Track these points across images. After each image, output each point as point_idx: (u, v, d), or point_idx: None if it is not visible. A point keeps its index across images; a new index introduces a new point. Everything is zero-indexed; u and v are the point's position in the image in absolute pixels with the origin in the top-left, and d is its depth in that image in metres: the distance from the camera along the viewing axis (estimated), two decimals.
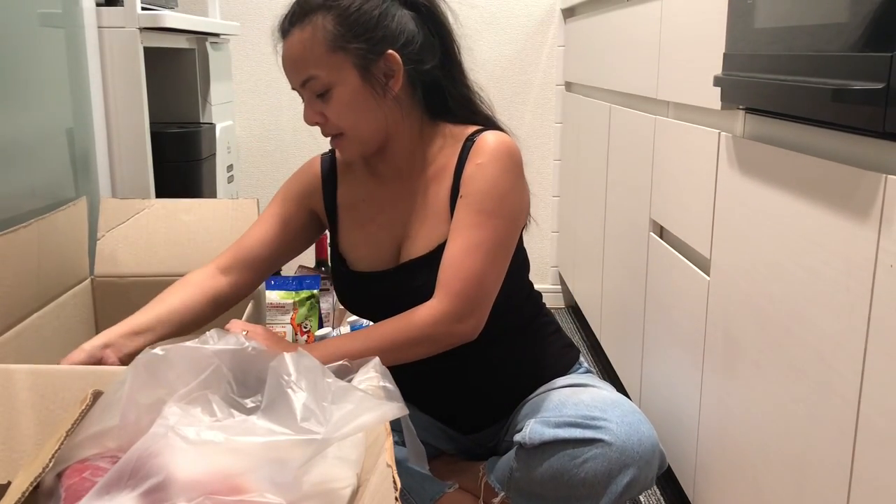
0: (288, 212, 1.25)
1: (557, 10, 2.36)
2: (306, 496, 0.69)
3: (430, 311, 1.05)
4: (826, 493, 0.77)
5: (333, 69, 1.08)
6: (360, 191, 1.22)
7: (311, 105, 1.12)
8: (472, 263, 1.05)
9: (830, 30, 0.73)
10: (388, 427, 0.77)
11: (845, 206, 0.73)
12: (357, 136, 1.12)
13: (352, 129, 1.11)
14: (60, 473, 0.72)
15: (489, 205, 1.07)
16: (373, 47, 1.08)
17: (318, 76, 1.09)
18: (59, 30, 1.46)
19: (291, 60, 1.12)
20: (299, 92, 1.14)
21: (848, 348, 0.72)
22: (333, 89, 1.09)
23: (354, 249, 1.21)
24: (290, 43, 1.12)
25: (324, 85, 1.09)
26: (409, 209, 1.16)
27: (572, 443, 1.07)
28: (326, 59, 1.08)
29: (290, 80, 1.14)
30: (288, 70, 1.14)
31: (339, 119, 1.10)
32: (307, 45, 1.09)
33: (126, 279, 1.33)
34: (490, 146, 1.10)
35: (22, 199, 1.35)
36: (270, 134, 2.41)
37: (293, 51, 1.11)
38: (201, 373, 0.75)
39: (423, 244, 1.14)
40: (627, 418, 1.08)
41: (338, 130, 1.12)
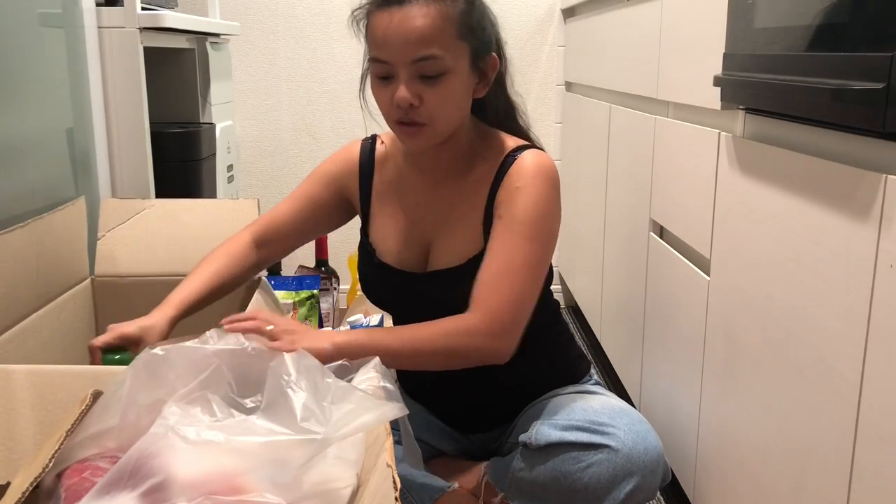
0: (319, 193, 1.24)
1: (557, 10, 2.36)
2: (306, 496, 0.69)
3: (467, 324, 1.02)
4: (826, 493, 0.77)
5: (456, 55, 1.04)
6: (399, 183, 1.21)
7: (411, 85, 1.03)
8: (510, 286, 1.04)
9: (830, 30, 0.73)
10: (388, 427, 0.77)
11: (845, 206, 0.73)
12: (441, 128, 1.08)
13: (441, 119, 1.06)
14: (60, 473, 0.72)
15: (528, 229, 1.06)
16: (485, 45, 1.09)
17: (441, 58, 1.02)
18: (59, 30, 1.46)
19: (414, 33, 1.01)
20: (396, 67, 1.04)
21: (848, 348, 0.72)
22: (447, 75, 1.04)
23: (384, 241, 1.21)
24: (411, 13, 1.02)
25: (441, 68, 1.03)
26: (444, 214, 1.16)
27: (578, 446, 1.06)
28: (453, 43, 1.03)
29: (397, 55, 1.03)
30: (401, 42, 1.02)
31: (437, 107, 1.05)
32: (439, 21, 1.02)
33: (126, 279, 1.33)
34: (530, 169, 1.09)
35: (21, 199, 1.35)
36: (270, 134, 2.41)
37: (419, 23, 1.01)
38: (201, 373, 0.75)
39: (452, 255, 1.14)
40: (635, 427, 1.08)
41: (427, 119, 1.05)
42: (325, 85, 2.38)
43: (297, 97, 2.39)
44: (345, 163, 1.25)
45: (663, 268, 1.30)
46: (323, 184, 1.25)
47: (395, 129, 1.10)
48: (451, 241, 1.15)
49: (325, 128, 2.41)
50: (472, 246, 1.13)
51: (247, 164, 2.42)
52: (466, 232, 1.14)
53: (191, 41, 1.87)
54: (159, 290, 1.12)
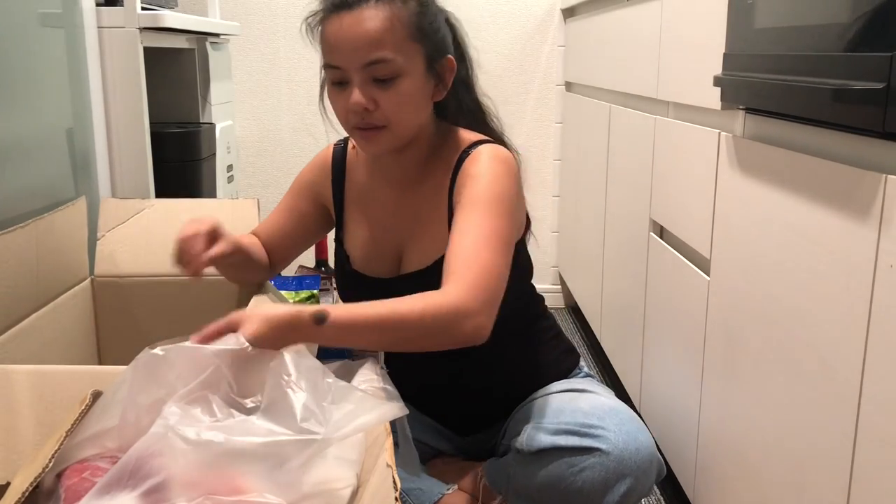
0: (299, 205, 1.24)
1: (557, 10, 2.36)
2: (306, 496, 0.69)
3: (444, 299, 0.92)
4: (826, 493, 0.77)
5: (408, 57, 1.03)
6: (367, 191, 1.21)
7: (365, 89, 1.02)
8: (482, 258, 0.97)
9: (830, 30, 0.73)
10: (388, 427, 0.77)
11: (845, 206, 0.73)
12: (399, 131, 1.06)
13: (399, 123, 1.05)
14: (60, 473, 0.72)
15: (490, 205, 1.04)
16: (439, 47, 1.08)
17: (393, 60, 1.01)
18: (59, 30, 1.46)
19: (364, 36, 1.01)
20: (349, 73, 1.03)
21: (848, 348, 0.72)
22: (400, 78, 1.03)
23: (357, 249, 1.21)
24: (361, 17, 1.01)
25: (393, 71, 1.02)
26: (412, 219, 1.16)
27: (569, 451, 1.06)
28: (405, 45, 1.03)
29: (348, 59, 1.02)
30: (350, 46, 1.02)
31: (393, 110, 1.04)
32: (388, 24, 1.01)
33: (126, 279, 1.33)
34: (483, 156, 1.08)
35: (22, 199, 1.35)
36: (270, 134, 2.41)
37: (368, 26, 1.01)
38: (201, 373, 0.75)
39: (422, 257, 1.13)
40: (625, 427, 1.07)
41: (384, 122, 1.05)
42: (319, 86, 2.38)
43: (297, 97, 2.39)
44: (319, 169, 1.24)
45: (663, 268, 1.30)
46: (302, 196, 1.24)
47: (354, 135, 1.09)
48: (420, 244, 1.14)
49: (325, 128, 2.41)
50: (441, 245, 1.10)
51: (247, 164, 2.42)
52: (434, 233, 1.13)
53: (191, 41, 1.87)
54: (159, 290, 1.12)
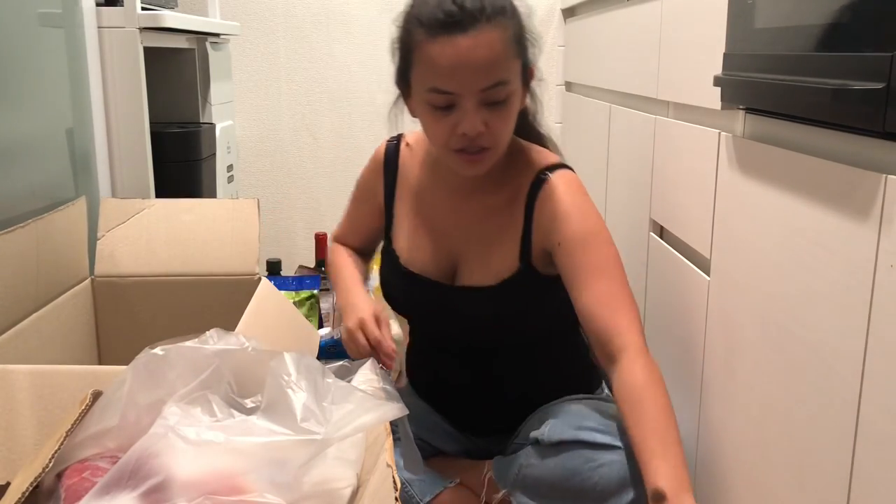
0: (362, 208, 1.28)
1: (557, 10, 2.36)
2: (306, 496, 0.69)
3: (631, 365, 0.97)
4: (826, 493, 0.77)
5: (515, 75, 1.01)
6: (425, 192, 1.19)
7: (478, 113, 0.98)
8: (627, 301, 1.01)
9: (830, 30, 0.73)
10: (388, 427, 0.77)
11: (845, 206, 0.73)
12: (501, 150, 1.04)
13: (502, 143, 1.04)
14: (60, 473, 0.72)
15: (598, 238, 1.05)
16: (530, 59, 1.05)
17: (508, 83, 0.98)
18: (59, 30, 1.46)
19: (483, 62, 0.96)
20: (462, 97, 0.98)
21: (848, 348, 0.72)
22: (512, 97, 1.00)
23: (409, 250, 1.19)
24: (478, 40, 0.95)
25: (508, 93, 0.99)
26: (473, 229, 1.15)
27: (591, 445, 1.05)
28: (514, 65, 1.00)
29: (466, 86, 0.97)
30: (470, 72, 0.96)
31: (500, 131, 1.01)
32: (501, 45, 0.97)
33: (126, 279, 1.33)
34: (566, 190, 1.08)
35: (22, 199, 1.35)
36: (270, 134, 2.41)
37: (487, 51, 0.96)
38: (201, 373, 0.75)
39: (486, 273, 1.13)
40: None
41: (491, 144, 1.01)
42: (325, 85, 2.38)
43: (297, 97, 2.39)
44: (372, 169, 1.25)
45: (663, 268, 1.31)
46: (362, 198, 1.28)
47: (453, 158, 1.04)
48: (483, 258, 1.14)
49: (325, 128, 2.41)
50: (508, 266, 1.12)
51: (247, 164, 2.42)
52: (501, 251, 1.12)
53: (191, 41, 1.87)
54: (159, 290, 1.12)
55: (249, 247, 1.34)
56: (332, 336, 1.74)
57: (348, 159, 2.42)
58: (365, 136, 2.41)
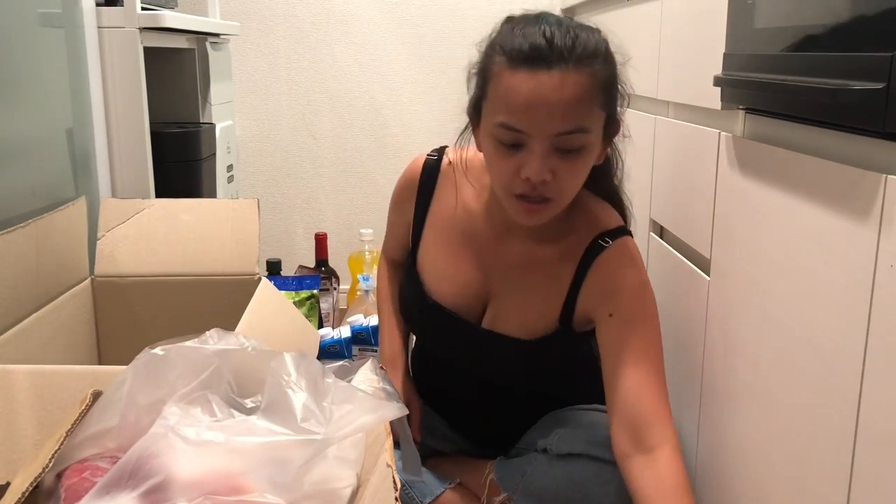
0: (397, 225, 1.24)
1: (557, 10, 2.36)
2: (306, 496, 0.70)
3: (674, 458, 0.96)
4: (826, 493, 0.77)
5: (597, 127, 0.95)
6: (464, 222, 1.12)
7: (548, 159, 0.91)
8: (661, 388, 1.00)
9: (830, 30, 0.73)
10: (388, 427, 0.77)
11: (845, 206, 0.73)
12: (565, 203, 0.98)
13: (568, 196, 0.97)
14: (60, 473, 0.72)
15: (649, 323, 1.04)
16: (615, 113, 0.99)
17: (589, 130, 0.92)
18: (59, 30, 1.46)
19: (563, 105, 0.89)
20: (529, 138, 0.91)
21: (848, 348, 0.72)
22: (587, 148, 0.93)
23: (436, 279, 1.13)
24: (563, 81, 0.89)
25: (583, 142, 0.92)
26: (513, 273, 1.10)
27: (601, 461, 1.04)
28: (597, 115, 0.93)
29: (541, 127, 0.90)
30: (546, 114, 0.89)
31: (569, 183, 0.95)
32: (586, 90, 0.90)
33: (126, 279, 1.33)
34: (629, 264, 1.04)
35: (22, 199, 1.35)
36: (270, 134, 2.41)
37: (569, 95, 0.89)
38: (201, 373, 0.75)
39: (522, 325, 1.10)
40: None
41: (555, 195, 0.95)
42: (324, 85, 2.38)
43: (297, 97, 2.39)
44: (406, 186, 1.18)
45: (663, 268, 1.30)
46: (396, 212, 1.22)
47: (511, 202, 0.97)
48: (520, 308, 1.10)
49: (325, 128, 2.41)
50: (546, 324, 1.08)
51: (247, 164, 2.42)
52: (541, 306, 1.08)
53: (191, 41, 1.87)
54: (159, 290, 1.12)
55: (249, 247, 1.34)
56: (332, 336, 1.74)
57: (348, 159, 2.42)
58: (365, 136, 2.41)
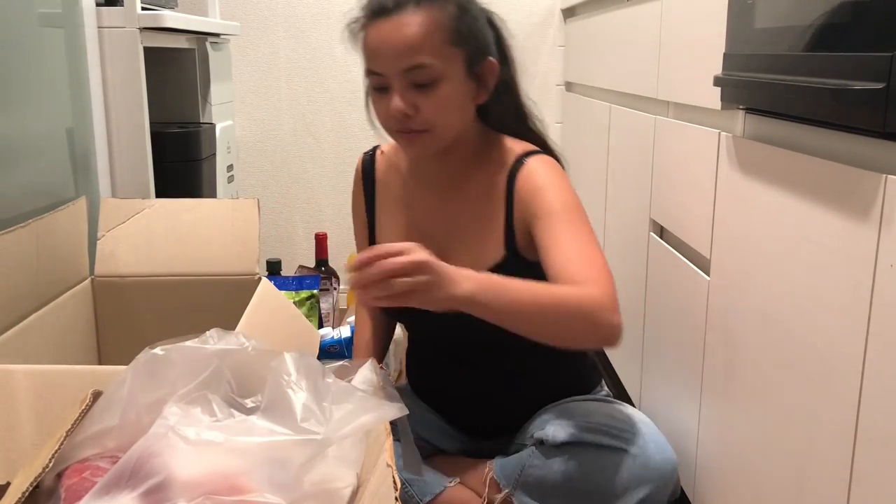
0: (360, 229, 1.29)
1: (557, 10, 2.36)
2: (306, 496, 0.69)
3: (593, 295, 0.94)
4: (826, 493, 0.77)
5: (447, 61, 1.04)
6: (405, 195, 1.20)
7: (405, 95, 1.03)
8: (596, 259, 1.00)
9: (830, 30, 0.73)
10: (388, 427, 0.77)
11: (845, 206, 0.73)
12: (440, 135, 1.07)
13: (440, 126, 1.06)
14: (60, 473, 0.72)
15: (572, 213, 1.06)
16: (479, 50, 1.08)
17: (432, 65, 1.02)
18: (59, 30, 1.46)
19: (403, 42, 1.01)
20: (389, 78, 1.04)
21: (848, 348, 0.72)
22: (441, 81, 1.03)
23: None
24: (400, 23, 1.02)
25: (432, 76, 1.03)
26: (455, 224, 1.15)
27: (596, 447, 1.06)
28: (444, 50, 1.03)
29: (388, 65, 1.03)
30: (390, 52, 1.02)
31: (434, 113, 1.04)
32: (427, 29, 1.02)
33: (126, 279, 1.33)
34: (541, 168, 1.09)
35: (22, 199, 1.35)
36: (270, 134, 2.41)
37: (407, 32, 1.01)
38: (201, 373, 0.75)
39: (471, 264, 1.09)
40: (655, 437, 1.09)
41: (426, 126, 1.05)
42: (324, 85, 2.38)
43: (297, 97, 2.39)
44: (355, 186, 1.28)
45: (663, 268, 1.30)
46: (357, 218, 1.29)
47: (396, 138, 1.09)
48: (469, 250, 1.14)
49: (325, 128, 2.41)
50: (493, 254, 1.12)
51: (247, 164, 2.42)
52: (486, 240, 1.13)
53: (191, 41, 1.87)
54: (159, 289, 1.12)
55: (249, 247, 1.34)
56: (332, 336, 1.74)
57: (348, 159, 2.42)
58: (365, 136, 2.41)
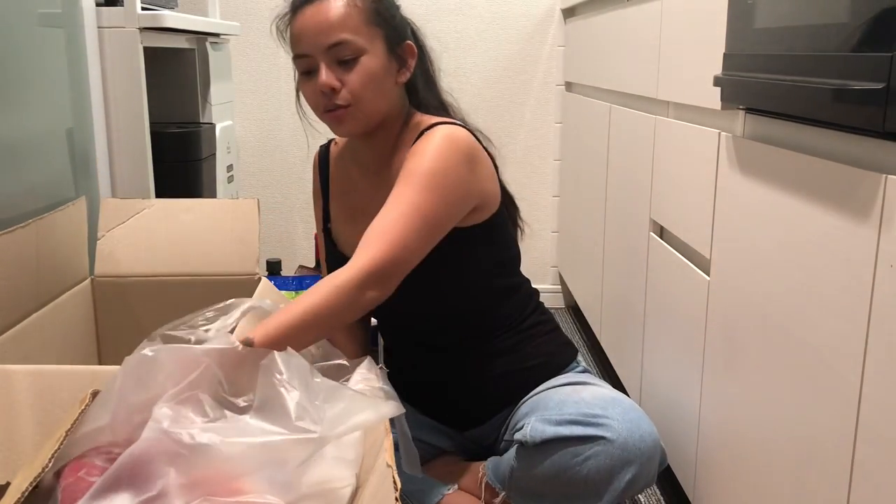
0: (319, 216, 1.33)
1: (557, 10, 2.36)
2: (306, 496, 0.69)
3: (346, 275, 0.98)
4: (826, 492, 0.77)
5: (368, 38, 1.11)
6: (349, 180, 1.27)
7: (331, 70, 1.10)
8: (394, 229, 1.03)
9: (830, 30, 0.73)
10: (388, 427, 0.77)
11: (845, 206, 0.72)
12: (365, 109, 1.12)
13: (364, 101, 1.11)
14: (59, 472, 0.72)
15: (419, 179, 1.07)
16: (397, 32, 1.16)
17: (352, 41, 1.09)
18: (59, 30, 1.46)
19: (325, 22, 1.09)
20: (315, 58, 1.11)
21: (848, 348, 0.72)
22: (362, 57, 1.10)
23: (342, 236, 1.27)
24: (321, 7, 1.10)
25: (354, 51, 1.09)
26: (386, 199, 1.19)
27: (574, 440, 1.07)
28: (363, 28, 1.11)
29: (313, 45, 1.10)
30: (314, 32, 1.10)
31: (358, 87, 1.10)
32: (346, 10, 1.10)
33: (126, 279, 1.33)
34: (435, 135, 1.12)
35: (22, 199, 1.35)
36: (270, 134, 2.41)
37: (328, 13, 1.10)
38: (191, 373, 0.75)
39: None
40: (629, 415, 1.08)
41: (349, 101, 1.11)
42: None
43: None
44: (313, 174, 1.35)
45: (663, 268, 1.30)
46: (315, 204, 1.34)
47: (325, 119, 1.15)
48: None
49: (326, 128, 2.41)
50: None
51: (247, 164, 2.42)
52: None
53: (191, 41, 1.87)
54: (159, 290, 1.12)
55: (249, 247, 1.34)
56: None
57: None
58: None
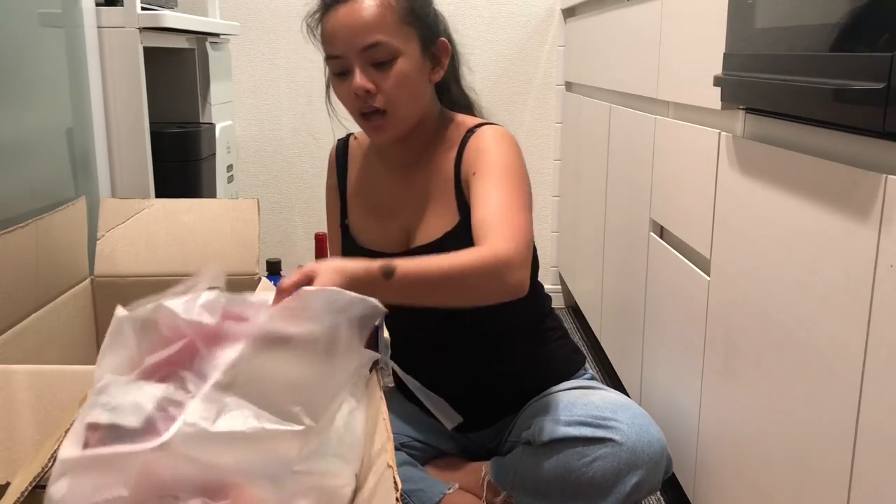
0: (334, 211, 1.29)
1: (557, 10, 2.36)
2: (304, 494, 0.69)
3: (492, 250, 0.93)
4: (826, 493, 0.77)
5: (404, 39, 1.08)
6: (371, 179, 1.24)
7: (366, 72, 1.07)
8: (513, 214, 0.99)
9: (830, 30, 0.73)
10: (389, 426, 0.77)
11: (845, 206, 0.73)
12: (401, 114, 1.10)
13: (400, 105, 1.09)
14: None
15: (506, 171, 1.06)
16: (432, 30, 1.13)
17: (388, 43, 1.06)
18: (59, 30, 1.46)
19: (359, 23, 1.07)
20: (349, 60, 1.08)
21: (848, 348, 0.72)
22: (398, 59, 1.07)
23: (364, 233, 1.24)
24: (355, 6, 1.07)
25: (390, 52, 1.07)
26: (418, 198, 1.18)
27: (582, 441, 1.07)
28: (398, 29, 1.08)
29: (347, 46, 1.08)
30: (348, 33, 1.07)
31: (393, 91, 1.08)
32: (381, 10, 1.07)
33: (126, 279, 1.33)
34: (489, 133, 1.12)
35: (22, 199, 1.35)
36: (270, 134, 2.41)
37: (363, 13, 1.07)
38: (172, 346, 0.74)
39: (430, 232, 1.15)
40: (638, 420, 1.08)
41: (385, 105, 1.08)
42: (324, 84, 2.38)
43: (297, 97, 2.39)
44: (329, 170, 1.31)
45: (663, 268, 1.30)
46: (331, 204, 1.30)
47: (362, 125, 1.13)
48: (428, 221, 1.17)
49: (325, 128, 2.41)
50: (449, 219, 1.14)
51: (247, 164, 2.42)
52: (440, 209, 1.16)
53: (191, 41, 1.87)
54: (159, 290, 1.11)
55: (249, 247, 1.34)
56: None
57: None
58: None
